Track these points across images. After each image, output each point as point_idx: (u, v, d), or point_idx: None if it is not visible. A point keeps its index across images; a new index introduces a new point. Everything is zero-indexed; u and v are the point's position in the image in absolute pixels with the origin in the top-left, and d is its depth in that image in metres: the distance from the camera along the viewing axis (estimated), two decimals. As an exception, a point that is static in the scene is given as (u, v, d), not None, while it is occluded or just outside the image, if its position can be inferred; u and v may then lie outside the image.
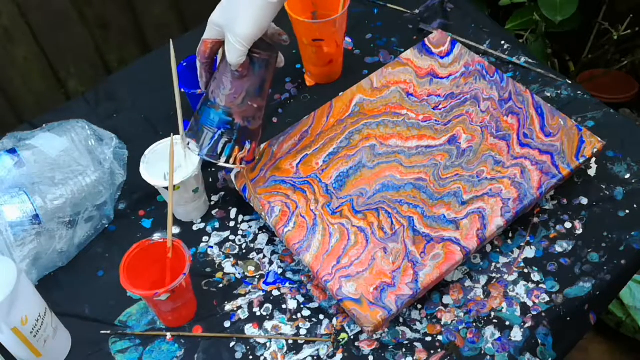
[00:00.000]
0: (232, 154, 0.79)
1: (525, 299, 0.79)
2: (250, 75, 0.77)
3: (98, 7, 1.37)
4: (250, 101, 0.78)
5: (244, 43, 0.73)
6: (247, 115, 0.79)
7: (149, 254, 0.75)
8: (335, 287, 0.75)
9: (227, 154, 0.79)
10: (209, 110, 0.78)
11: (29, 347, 0.71)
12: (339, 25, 0.93)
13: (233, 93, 0.77)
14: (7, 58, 1.31)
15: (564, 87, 0.98)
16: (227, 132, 0.78)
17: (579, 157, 0.83)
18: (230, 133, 0.78)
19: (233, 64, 0.75)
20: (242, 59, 0.75)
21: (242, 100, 0.78)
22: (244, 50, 0.74)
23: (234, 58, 0.74)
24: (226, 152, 0.78)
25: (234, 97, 0.77)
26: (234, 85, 0.77)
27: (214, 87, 0.78)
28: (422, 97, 0.91)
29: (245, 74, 0.77)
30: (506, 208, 0.80)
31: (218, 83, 0.78)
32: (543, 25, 1.38)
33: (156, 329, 0.79)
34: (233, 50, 0.74)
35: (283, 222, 0.80)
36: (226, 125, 0.78)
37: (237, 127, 0.78)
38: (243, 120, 0.78)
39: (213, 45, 0.77)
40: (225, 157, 0.79)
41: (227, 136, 0.78)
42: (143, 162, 0.81)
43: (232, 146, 0.79)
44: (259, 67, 0.78)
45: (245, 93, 0.78)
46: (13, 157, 0.82)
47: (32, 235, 0.79)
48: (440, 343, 0.76)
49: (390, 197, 0.82)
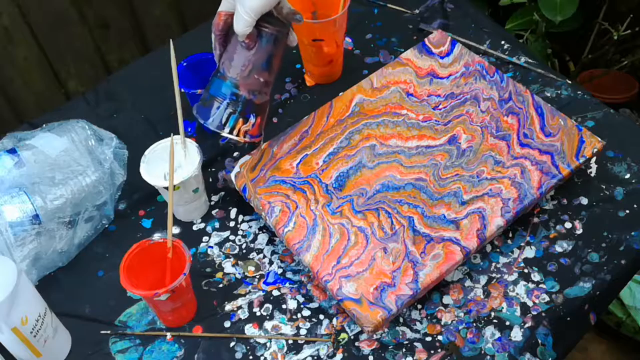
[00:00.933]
0: (235, 125, 0.80)
1: (525, 299, 0.79)
2: (257, 48, 0.79)
3: (98, 7, 1.37)
4: (257, 74, 0.80)
5: (250, 13, 0.75)
6: (252, 88, 0.80)
7: (149, 254, 0.75)
8: (335, 287, 0.75)
9: (230, 125, 0.80)
10: (218, 80, 0.80)
11: (29, 347, 0.71)
12: (339, 25, 0.93)
13: (240, 64, 0.79)
14: (7, 58, 1.32)
15: (564, 87, 0.98)
16: (232, 103, 0.80)
17: (579, 157, 0.83)
18: (235, 104, 0.80)
19: (239, 33, 0.77)
20: (248, 29, 0.76)
21: (248, 73, 0.79)
22: (250, 20, 0.76)
23: (240, 27, 0.76)
24: (230, 122, 0.80)
25: (241, 68, 0.79)
26: (241, 57, 0.79)
27: (224, 59, 0.81)
28: (422, 97, 0.91)
29: (253, 46, 0.78)
30: (506, 208, 0.80)
31: (228, 55, 0.80)
32: (543, 25, 1.38)
33: (156, 329, 0.79)
34: (240, 19, 0.76)
35: (283, 222, 0.80)
36: (232, 96, 0.79)
37: (242, 99, 0.80)
38: (248, 92, 0.80)
39: (227, 18, 0.79)
40: (229, 128, 0.80)
41: (232, 107, 0.80)
42: (143, 162, 0.82)
43: (236, 117, 0.80)
44: (267, 42, 0.79)
45: (251, 65, 0.79)
46: (13, 157, 0.82)
47: (32, 235, 0.79)
48: (440, 343, 0.76)
49: (391, 197, 0.82)
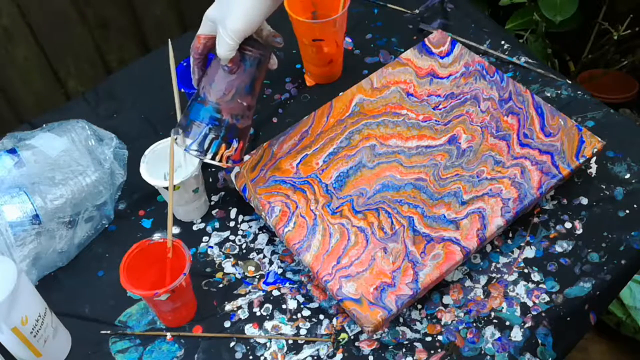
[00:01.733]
0: (218, 151, 0.78)
1: (525, 299, 0.79)
2: (240, 72, 0.77)
3: (98, 7, 1.37)
4: (240, 99, 0.78)
5: (233, 37, 0.73)
6: (235, 113, 0.78)
7: (149, 254, 0.75)
8: (335, 287, 0.75)
9: (213, 151, 0.78)
10: (198, 105, 0.78)
11: (29, 347, 0.71)
12: (339, 25, 0.93)
13: (223, 89, 0.77)
14: (7, 58, 1.32)
15: (564, 87, 0.98)
16: (215, 128, 0.78)
17: (579, 157, 0.83)
18: (217, 129, 0.78)
19: (222, 57, 0.75)
20: (232, 53, 0.75)
21: (231, 97, 0.78)
22: (234, 44, 0.74)
23: (223, 51, 0.75)
24: (212, 148, 0.78)
25: (224, 93, 0.78)
26: (224, 81, 0.77)
27: (204, 83, 0.79)
28: (422, 97, 0.91)
29: (235, 70, 0.77)
30: (506, 208, 0.80)
31: (209, 79, 0.78)
32: (543, 25, 1.38)
33: (156, 329, 0.79)
34: (223, 43, 0.74)
35: (283, 222, 0.80)
36: (214, 121, 0.78)
37: (225, 123, 0.78)
38: (231, 117, 0.78)
39: (207, 41, 0.78)
40: (212, 154, 0.78)
41: (214, 132, 0.78)
42: (143, 162, 0.81)
43: (218, 143, 0.78)
44: (250, 65, 0.78)
45: (234, 90, 0.78)
46: (13, 157, 0.82)
47: (32, 235, 0.79)
48: (440, 343, 0.76)
49: (390, 197, 0.82)
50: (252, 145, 0.93)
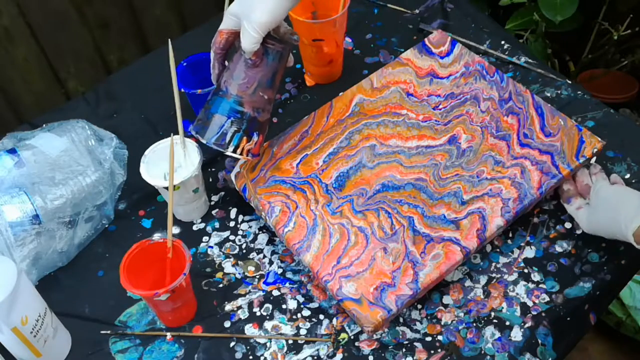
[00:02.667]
0: (239, 144, 0.79)
1: (525, 299, 0.79)
2: (263, 65, 0.78)
3: (98, 7, 1.37)
4: (262, 92, 0.79)
5: (258, 30, 0.74)
6: (257, 106, 0.79)
7: (149, 254, 0.75)
8: (335, 287, 0.75)
9: (235, 144, 0.79)
10: (220, 99, 0.79)
11: (29, 347, 0.71)
12: (339, 25, 0.93)
13: (245, 82, 0.78)
14: (7, 58, 1.31)
15: (564, 87, 0.98)
16: (237, 121, 0.79)
17: (579, 157, 0.83)
18: (239, 122, 0.79)
19: (247, 50, 0.76)
20: (256, 46, 0.76)
21: (253, 90, 0.79)
22: (259, 37, 0.75)
23: (248, 44, 0.75)
24: (234, 141, 0.79)
25: (246, 86, 0.78)
26: (247, 74, 0.78)
27: (226, 77, 0.79)
28: (422, 97, 0.91)
29: (259, 63, 0.78)
30: (506, 208, 0.80)
31: (231, 72, 0.79)
32: (543, 25, 1.38)
33: (156, 329, 0.79)
34: (248, 36, 0.75)
35: (283, 222, 0.80)
36: (236, 114, 0.79)
37: (247, 116, 0.79)
38: (253, 110, 0.79)
39: (229, 36, 0.78)
40: (233, 147, 0.79)
41: (237, 125, 0.79)
42: (143, 162, 0.81)
43: (240, 136, 0.79)
44: (272, 58, 0.79)
45: (257, 83, 0.79)
46: (13, 157, 0.82)
47: (32, 235, 0.79)
48: (440, 343, 0.76)
49: (390, 197, 0.82)
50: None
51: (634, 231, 0.72)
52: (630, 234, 0.72)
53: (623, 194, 0.78)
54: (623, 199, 0.77)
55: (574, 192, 0.83)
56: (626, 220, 0.73)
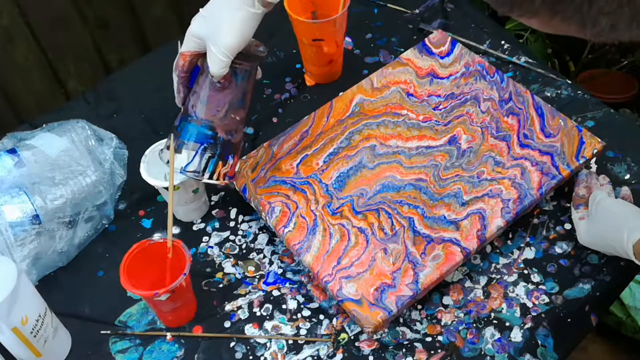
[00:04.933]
0: (215, 169, 0.77)
1: (525, 299, 0.79)
2: (232, 86, 0.76)
3: (98, 7, 1.37)
4: (233, 113, 0.77)
5: (227, 53, 0.72)
6: (229, 129, 0.77)
7: (149, 254, 0.75)
8: (336, 287, 0.75)
9: (210, 170, 0.77)
10: (188, 125, 0.76)
11: (29, 347, 0.70)
12: (339, 25, 0.93)
13: (215, 106, 0.76)
14: (7, 58, 1.31)
15: (564, 87, 0.98)
16: (210, 146, 0.76)
17: (579, 158, 0.83)
18: (213, 148, 0.76)
19: (216, 75, 0.73)
20: (225, 70, 0.73)
21: (224, 113, 0.76)
22: (227, 61, 0.72)
23: (217, 69, 0.73)
24: (210, 167, 0.77)
25: (217, 110, 0.76)
26: (216, 98, 0.76)
27: (193, 101, 0.77)
28: (422, 97, 0.91)
29: (227, 85, 0.75)
30: (506, 209, 0.80)
31: (198, 96, 0.76)
32: (543, 25, 1.38)
33: (156, 329, 0.79)
34: (216, 61, 0.72)
35: (283, 222, 0.80)
36: (209, 139, 0.76)
37: (220, 140, 0.77)
38: (226, 133, 0.77)
39: (192, 59, 0.76)
40: (209, 173, 0.77)
41: (210, 151, 0.76)
42: (143, 162, 0.81)
43: (215, 161, 0.77)
44: (242, 78, 0.76)
45: (227, 105, 0.76)
46: (13, 157, 0.82)
47: (32, 235, 0.79)
48: (440, 343, 0.76)
49: (391, 198, 0.82)
50: (252, 145, 0.93)
51: (634, 243, 0.71)
52: (630, 246, 0.71)
53: (624, 208, 0.77)
54: (624, 212, 0.76)
55: (585, 201, 0.81)
56: (627, 233, 0.72)
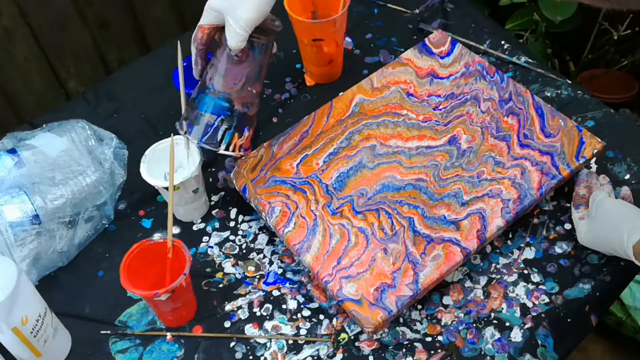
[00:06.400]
0: (231, 141, 0.79)
1: (525, 299, 0.79)
2: (249, 60, 0.77)
3: (98, 7, 1.37)
4: (250, 87, 0.78)
5: (245, 27, 0.73)
6: (246, 101, 0.79)
7: (149, 254, 0.75)
8: (336, 287, 0.75)
9: (226, 141, 0.79)
10: (206, 97, 0.78)
11: (29, 347, 0.71)
12: (339, 25, 0.93)
13: (233, 79, 0.77)
14: (7, 58, 1.31)
15: (564, 87, 0.98)
16: (227, 118, 0.78)
17: (579, 158, 0.83)
18: (230, 120, 0.78)
19: (234, 48, 0.74)
20: (243, 43, 0.74)
21: (241, 86, 0.78)
22: (246, 34, 0.74)
23: (235, 42, 0.74)
24: (226, 139, 0.79)
25: (234, 82, 0.77)
26: (234, 71, 0.77)
27: (211, 74, 0.78)
28: (423, 97, 0.91)
29: (245, 59, 0.77)
30: (506, 209, 0.80)
31: (216, 69, 0.78)
32: (543, 25, 1.38)
33: (156, 329, 0.79)
34: (234, 34, 0.73)
35: (283, 222, 0.80)
36: (226, 111, 0.78)
37: (237, 113, 0.78)
38: (242, 106, 0.78)
39: (210, 31, 0.77)
40: (225, 145, 0.79)
41: (227, 123, 0.78)
42: (143, 162, 0.81)
43: (231, 133, 0.79)
44: (259, 52, 0.77)
45: (245, 78, 0.78)
46: (13, 157, 0.82)
47: (32, 235, 0.79)
48: (440, 343, 0.76)
49: (391, 198, 0.82)
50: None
51: (634, 244, 0.71)
52: (630, 247, 0.72)
53: (624, 209, 0.77)
54: (624, 213, 0.76)
55: (586, 201, 0.81)
56: (627, 233, 0.72)
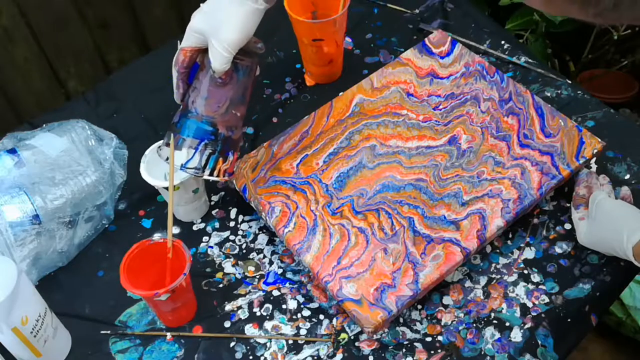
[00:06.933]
0: (215, 165, 0.77)
1: (525, 299, 0.79)
2: (233, 82, 0.76)
3: (98, 7, 1.37)
4: (234, 109, 0.77)
5: (229, 49, 0.72)
6: (230, 125, 0.77)
7: (149, 254, 0.75)
8: (336, 287, 0.75)
9: (211, 166, 0.76)
10: (188, 121, 0.76)
11: (29, 347, 0.71)
12: (339, 25, 0.93)
13: (216, 102, 0.76)
14: (7, 58, 1.31)
15: (564, 87, 0.98)
16: (211, 143, 0.76)
17: (579, 158, 0.83)
18: (214, 144, 0.76)
19: (218, 70, 0.73)
20: (227, 65, 0.73)
21: (225, 109, 0.76)
22: (230, 56, 0.72)
23: (219, 64, 0.73)
24: (210, 163, 0.76)
25: (217, 106, 0.76)
26: (217, 94, 0.75)
27: (193, 97, 0.76)
28: (423, 97, 0.91)
29: (228, 81, 0.75)
30: (506, 209, 0.80)
31: (198, 92, 0.76)
32: (543, 25, 1.38)
33: (156, 329, 0.79)
34: (218, 56, 0.72)
35: (283, 222, 0.80)
36: (210, 135, 0.76)
37: (221, 137, 0.76)
38: (227, 129, 0.77)
39: (192, 54, 0.76)
40: (209, 170, 0.76)
41: (211, 147, 0.76)
42: (143, 162, 0.81)
43: (216, 157, 0.76)
44: (243, 74, 0.76)
45: (229, 101, 0.76)
46: (13, 157, 0.82)
47: (32, 235, 0.79)
48: (440, 343, 0.76)
49: (391, 198, 0.82)
50: (252, 145, 0.93)
51: (633, 245, 0.71)
52: (630, 247, 0.72)
53: (624, 209, 0.77)
54: (624, 214, 0.76)
55: (586, 201, 0.81)
56: (627, 234, 0.72)
